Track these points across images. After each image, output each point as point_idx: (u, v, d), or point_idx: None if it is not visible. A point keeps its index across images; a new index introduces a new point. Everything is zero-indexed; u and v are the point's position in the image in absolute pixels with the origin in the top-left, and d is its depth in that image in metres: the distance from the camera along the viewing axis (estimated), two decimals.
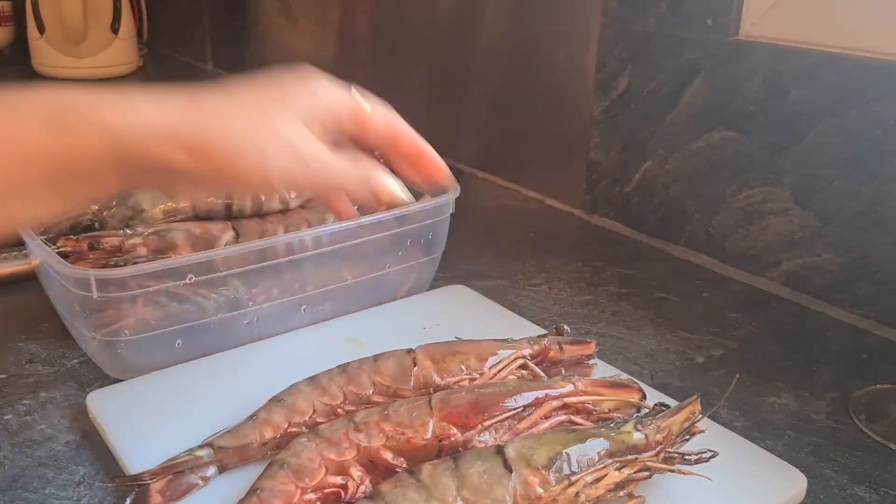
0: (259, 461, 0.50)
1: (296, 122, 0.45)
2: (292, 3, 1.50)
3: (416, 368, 0.54)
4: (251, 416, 0.52)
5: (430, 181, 0.52)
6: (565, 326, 0.60)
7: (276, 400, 0.53)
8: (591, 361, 0.59)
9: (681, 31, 0.84)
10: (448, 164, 1.23)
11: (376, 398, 0.53)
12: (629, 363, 0.67)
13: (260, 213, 0.75)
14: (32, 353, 0.67)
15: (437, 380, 0.53)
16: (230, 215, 0.74)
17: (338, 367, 0.56)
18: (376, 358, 0.55)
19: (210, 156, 0.43)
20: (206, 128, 0.43)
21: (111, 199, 0.72)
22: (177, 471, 0.49)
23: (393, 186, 0.48)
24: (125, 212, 0.72)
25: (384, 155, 0.51)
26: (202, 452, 0.50)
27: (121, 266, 0.62)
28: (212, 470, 0.50)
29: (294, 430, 0.51)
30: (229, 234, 0.71)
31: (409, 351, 0.55)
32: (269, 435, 0.51)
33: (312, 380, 0.54)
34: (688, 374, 0.66)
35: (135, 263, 0.66)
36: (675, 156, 0.88)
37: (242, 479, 0.49)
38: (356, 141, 0.49)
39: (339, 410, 0.53)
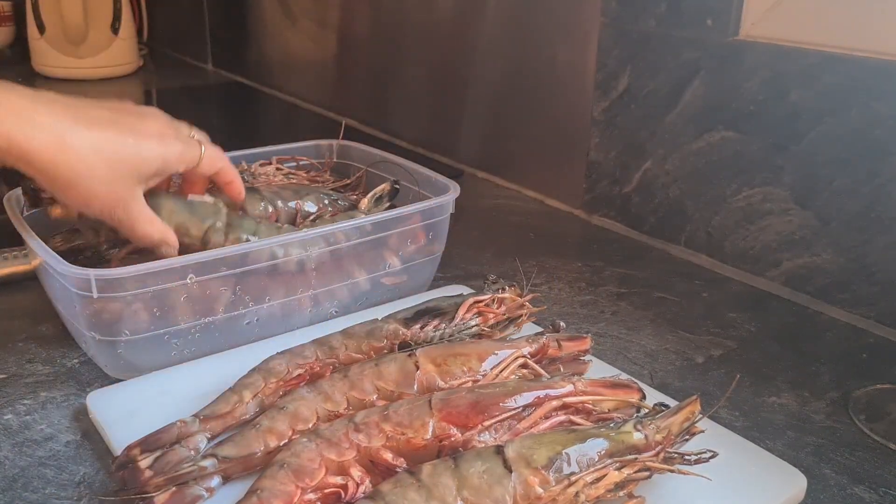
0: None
1: (129, 188, 0.59)
2: (292, 3, 1.50)
3: (419, 373, 0.54)
4: (253, 425, 0.52)
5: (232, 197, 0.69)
6: (561, 323, 0.60)
7: (278, 407, 0.53)
8: (586, 357, 0.59)
9: (680, 32, 0.84)
10: (448, 164, 1.24)
11: (380, 403, 0.53)
12: (629, 363, 0.67)
13: None
14: (32, 353, 0.67)
15: (441, 383, 0.53)
16: None
17: (339, 372, 0.56)
18: (378, 362, 0.55)
19: (43, 176, 0.55)
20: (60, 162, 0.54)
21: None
22: (181, 482, 0.49)
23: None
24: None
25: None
26: (206, 463, 0.49)
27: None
28: (216, 480, 0.50)
29: (298, 437, 0.51)
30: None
31: (411, 355, 0.55)
32: (273, 444, 0.50)
33: (314, 385, 0.54)
34: (687, 374, 0.66)
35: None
36: (675, 156, 0.88)
37: (247, 488, 0.48)
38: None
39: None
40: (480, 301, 0.62)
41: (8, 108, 0.52)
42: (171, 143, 0.60)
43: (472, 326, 0.60)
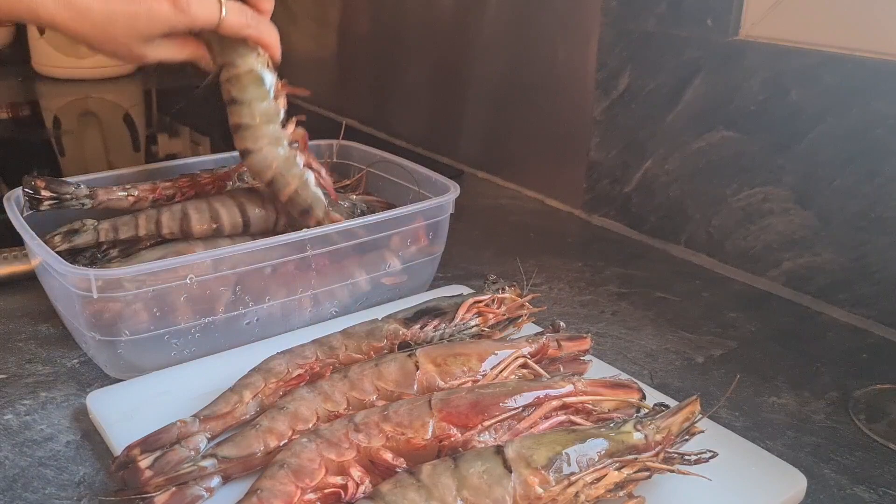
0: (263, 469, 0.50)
1: (140, 46, 0.62)
2: (292, 2, 1.50)
3: (419, 373, 0.54)
4: (253, 425, 0.52)
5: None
6: (561, 323, 0.60)
7: (278, 407, 0.53)
8: (586, 357, 0.59)
9: (681, 31, 0.84)
10: (448, 164, 1.23)
11: (380, 404, 0.53)
12: (629, 363, 0.67)
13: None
14: (32, 353, 0.67)
15: (441, 383, 0.53)
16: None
17: (339, 372, 0.55)
18: (378, 362, 0.55)
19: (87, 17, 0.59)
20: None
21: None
22: (181, 482, 0.49)
23: None
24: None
25: None
26: (206, 463, 0.49)
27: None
28: (216, 480, 0.50)
29: (298, 437, 0.51)
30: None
31: (411, 355, 0.55)
32: (273, 444, 0.50)
33: (314, 385, 0.54)
34: (688, 374, 0.66)
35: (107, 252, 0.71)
36: (676, 155, 0.88)
37: (247, 488, 0.48)
38: None
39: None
40: (480, 301, 0.62)
41: None
42: (184, 6, 0.62)
43: (472, 326, 0.60)
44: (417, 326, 0.60)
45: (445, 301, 0.63)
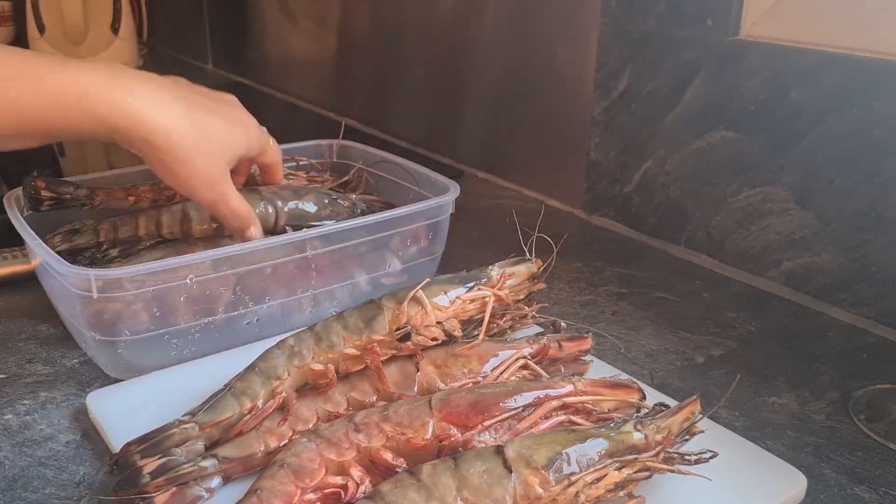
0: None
1: (224, 167, 0.64)
2: (292, 2, 1.50)
3: (419, 374, 0.54)
4: None
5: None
6: (562, 323, 0.60)
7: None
8: (586, 357, 0.59)
9: (681, 31, 0.84)
10: (448, 164, 1.23)
11: (380, 405, 0.53)
12: (629, 363, 0.67)
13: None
14: (32, 353, 0.67)
15: (441, 385, 0.53)
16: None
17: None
18: None
19: (156, 153, 0.60)
20: (159, 130, 0.59)
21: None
22: (181, 482, 0.48)
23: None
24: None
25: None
26: (207, 463, 0.49)
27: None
28: (216, 481, 0.50)
29: (298, 438, 0.51)
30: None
31: (410, 356, 0.55)
32: (273, 444, 0.51)
33: (314, 386, 0.54)
34: (688, 374, 0.66)
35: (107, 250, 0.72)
36: (675, 156, 0.88)
37: (247, 489, 0.48)
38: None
39: None
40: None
41: (137, 95, 0.59)
42: (252, 131, 0.68)
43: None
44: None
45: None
